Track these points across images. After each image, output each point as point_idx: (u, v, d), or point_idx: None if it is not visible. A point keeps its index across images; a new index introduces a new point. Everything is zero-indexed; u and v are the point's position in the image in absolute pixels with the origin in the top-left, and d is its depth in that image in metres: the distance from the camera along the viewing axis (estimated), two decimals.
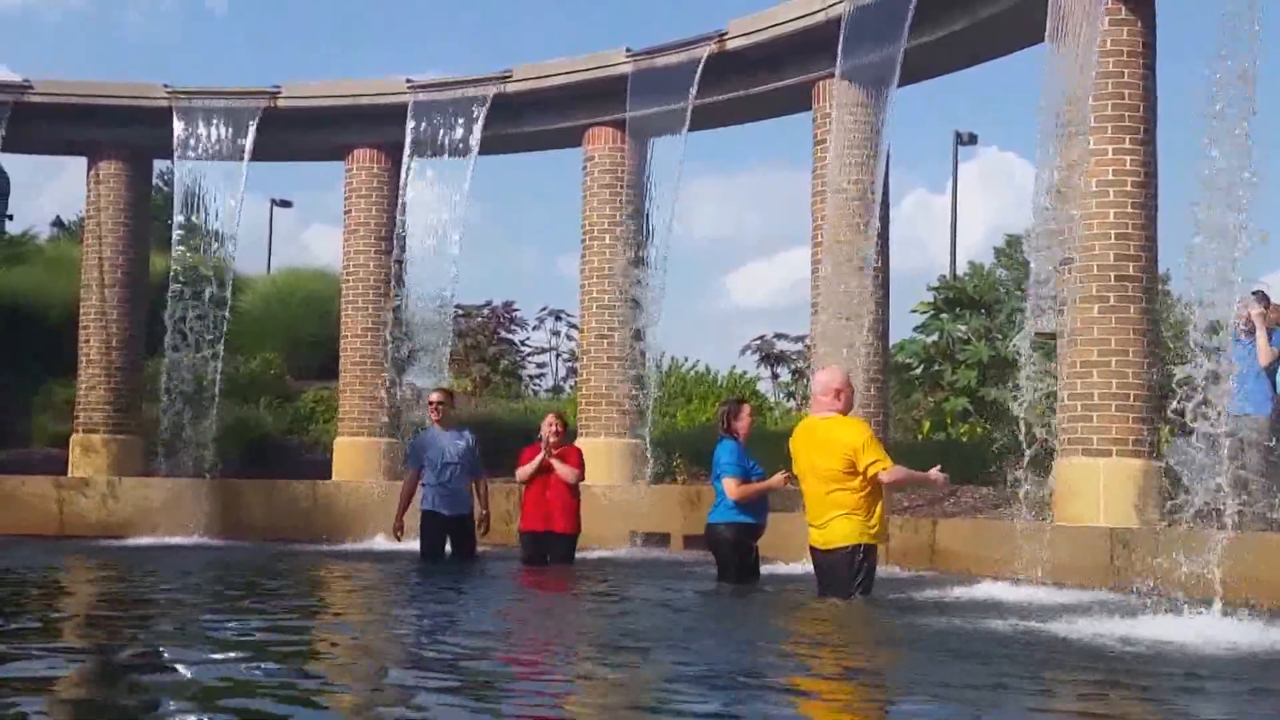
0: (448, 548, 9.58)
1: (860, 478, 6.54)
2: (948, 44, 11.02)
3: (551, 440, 9.27)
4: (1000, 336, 15.25)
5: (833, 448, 6.59)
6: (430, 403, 9.91)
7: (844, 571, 6.59)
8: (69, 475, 13.76)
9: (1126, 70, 9.30)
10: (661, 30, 65.86)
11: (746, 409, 8.08)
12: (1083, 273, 9.23)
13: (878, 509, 6.65)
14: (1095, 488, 9.01)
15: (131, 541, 12.03)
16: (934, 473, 6.78)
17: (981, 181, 49.13)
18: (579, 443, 11.57)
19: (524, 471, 9.32)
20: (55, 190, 50.81)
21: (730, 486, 7.66)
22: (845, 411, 6.82)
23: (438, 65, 68.77)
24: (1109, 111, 9.24)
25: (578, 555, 9.59)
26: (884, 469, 6.54)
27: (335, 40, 61.07)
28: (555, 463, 9.29)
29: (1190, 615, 5.68)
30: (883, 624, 5.94)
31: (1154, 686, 4.34)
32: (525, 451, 9.49)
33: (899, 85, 10.94)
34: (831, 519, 6.59)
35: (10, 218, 23.21)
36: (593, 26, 55.13)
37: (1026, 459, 8.43)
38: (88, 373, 14.15)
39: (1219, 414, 6.02)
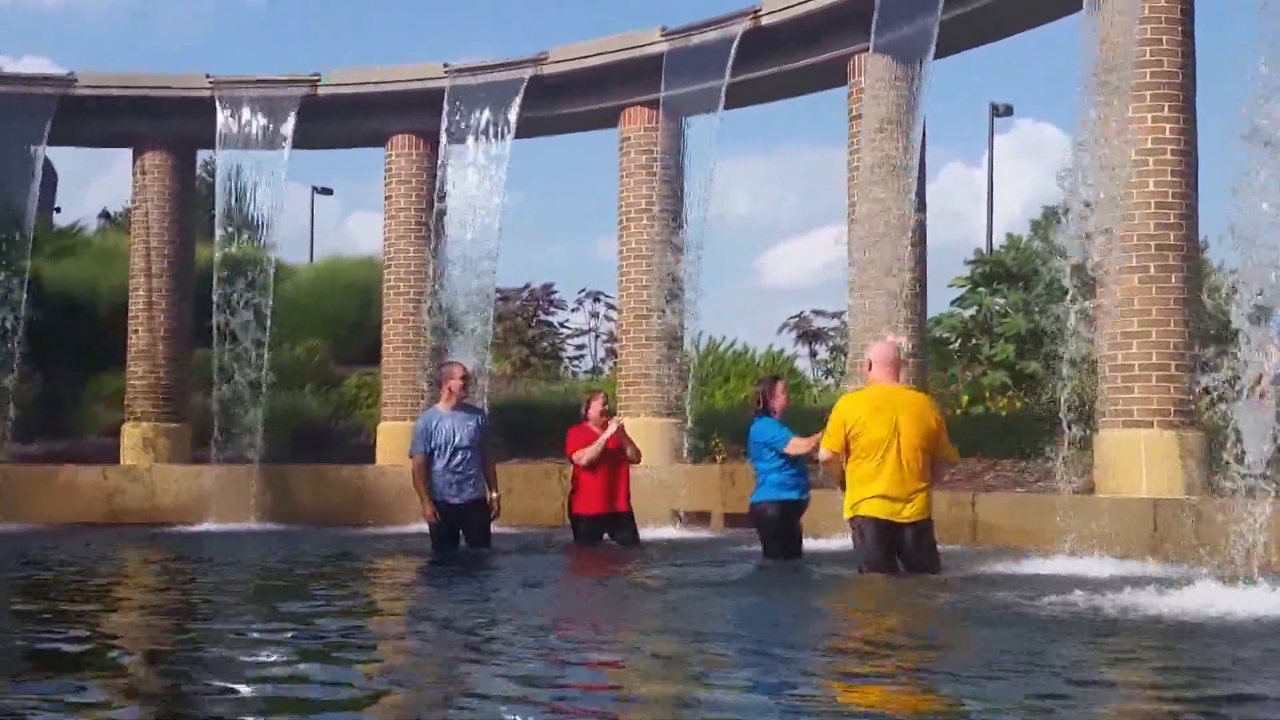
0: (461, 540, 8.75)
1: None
2: (983, 15, 10.94)
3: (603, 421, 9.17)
4: (1038, 309, 15.14)
5: (931, 420, 6.64)
6: (460, 379, 8.76)
7: (934, 542, 6.70)
8: (120, 464, 14.05)
9: (1165, 37, 9.20)
10: (696, 8, 65.52)
11: (781, 385, 8.10)
12: (1123, 243, 9.17)
13: None
14: (1137, 459, 8.97)
15: (184, 528, 12.26)
16: None
17: (1018, 153, 48.64)
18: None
19: (590, 453, 9.07)
20: (107, 183, 51.61)
21: (796, 443, 7.68)
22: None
23: (473, 50, 68.88)
24: (1148, 78, 9.16)
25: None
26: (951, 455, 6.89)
27: (371, 30, 61.35)
28: (628, 439, 9.21)
29: (1237, 587, 5.64)
30: (945, 600, 5.88)
31: (1199, 656, 4.36)
32: (572, 433, 9.34)
33: (934, 58, 10.90)
34: (920, 490, 6.59)
35: (58, 210, 23.63)
36: (627, 6, 55.00)
37: (1067, 435, 8.41)
38: (136, 362, 14.42)
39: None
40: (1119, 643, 4.62)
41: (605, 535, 9.27)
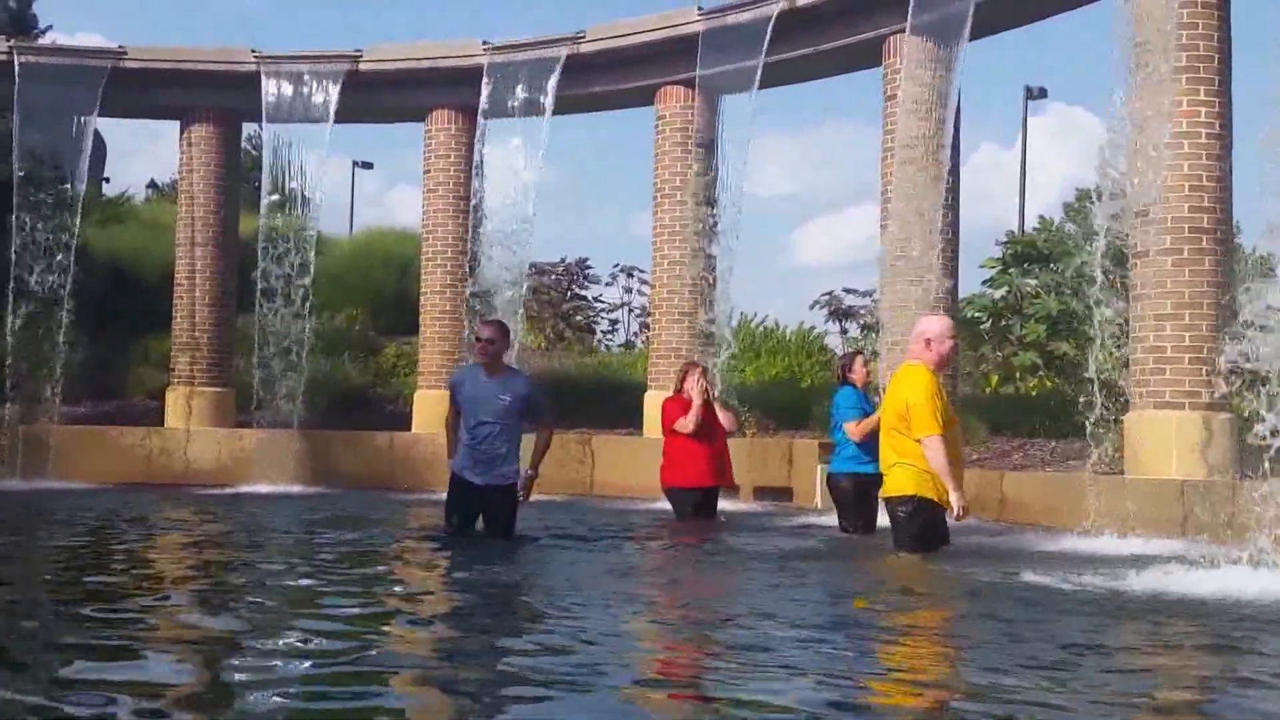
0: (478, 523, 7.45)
1: None
2: None
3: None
4: (1069, 291, 15.20)
5: (895, 394, 6.41)
6: (477, 340, 7.44)
7: (900, 520, 6.35)
8: (165, 426, 14.39)
9: (1202, 21, 9.22)
10: None
11: (860, 360, 8.54)
12: (1156, 226, 9.22)
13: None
14: (1167, 441, 9.05)
15: (225, 489, 12.59)
16: (956, 502, 6.24)
17: (1051, 136, 48.23)
18: (650, 395, 11.78)
19: (690, 419, 8.83)
20: (155, 154, 52.10)
21: (850, 429, 7.97)
22: (936, 361, 6.41)
23: (512, 28, 68.90)
24: (1184, 62, 9.18)
25: (659, 507, 9.71)
26: (926, 437, 6.17)
27: (413, 7, 61.44)
28: (720, 411, 9.20)
29: (1265, 569, 5.69)
30: (970, 580, 5.76)
31: (1210, 637, 4.48)
32: (668, 404, 9.21)
33: (969, 39, 10.95)
34: (892, 466, 6.42)
35: (107, 180, 24.04)
36: None
37: (1095, 414, 8.51)
38: (181, 329, 14.74)
39: None
40: (1137, 623, 4.70)
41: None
